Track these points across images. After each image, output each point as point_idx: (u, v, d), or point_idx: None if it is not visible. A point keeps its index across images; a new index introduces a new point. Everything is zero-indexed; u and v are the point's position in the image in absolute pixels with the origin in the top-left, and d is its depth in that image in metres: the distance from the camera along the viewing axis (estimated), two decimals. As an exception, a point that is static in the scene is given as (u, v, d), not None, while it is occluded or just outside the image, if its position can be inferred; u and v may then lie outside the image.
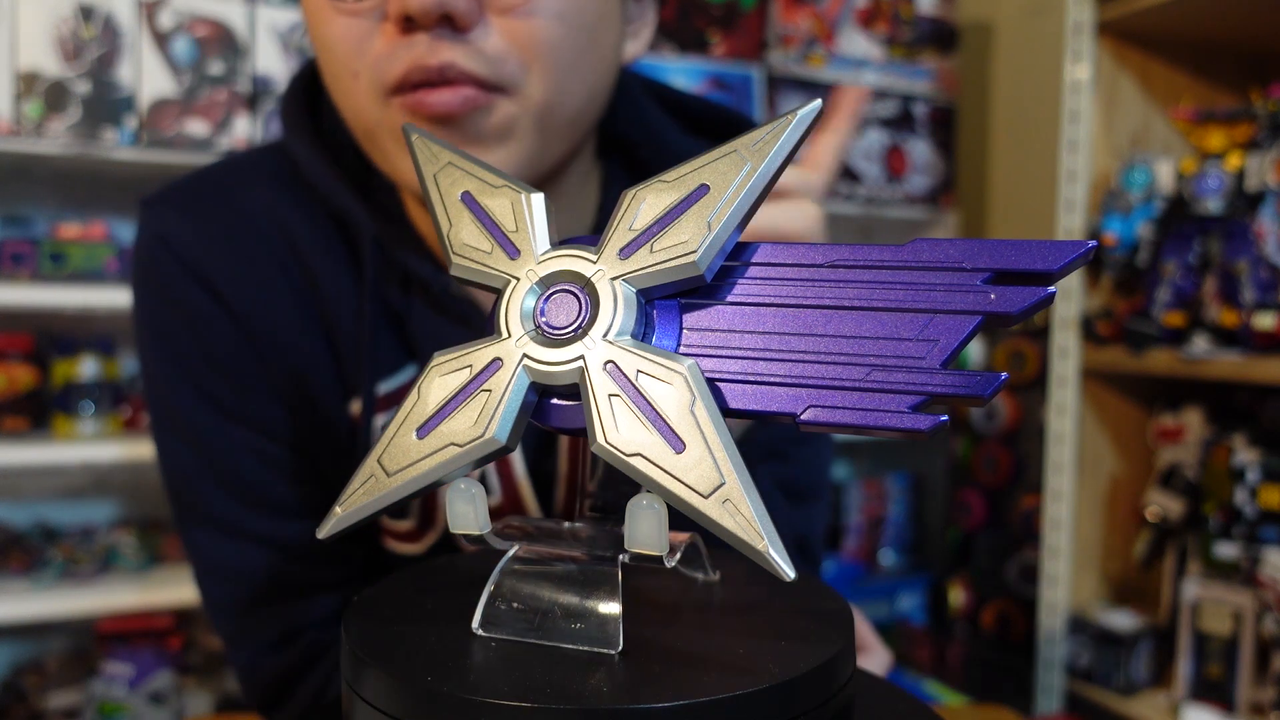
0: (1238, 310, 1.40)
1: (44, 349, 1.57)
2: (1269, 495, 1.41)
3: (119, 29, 1.48)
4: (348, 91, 0.57)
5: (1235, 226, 1.42)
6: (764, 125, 0.35)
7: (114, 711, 1.50)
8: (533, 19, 0.54)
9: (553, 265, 0.36)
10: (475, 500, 0.35)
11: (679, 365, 0.33)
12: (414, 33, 0.53)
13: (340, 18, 0.55)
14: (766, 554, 0.30)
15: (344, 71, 0.57)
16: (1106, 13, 1.56)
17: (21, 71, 1.43)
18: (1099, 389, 1.65)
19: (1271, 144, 1.40)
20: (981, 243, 0.32)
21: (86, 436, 1.54)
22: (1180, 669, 1.50)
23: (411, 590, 0.41)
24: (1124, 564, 1.69)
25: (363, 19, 0.55)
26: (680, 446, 0.32)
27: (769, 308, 0.34)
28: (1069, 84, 1.61)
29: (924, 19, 2.04)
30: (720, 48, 1.87)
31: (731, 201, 0.34)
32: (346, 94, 0.57)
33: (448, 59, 0.53)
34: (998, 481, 1.88)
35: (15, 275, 1.46)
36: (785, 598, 0.40)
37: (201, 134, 1.53)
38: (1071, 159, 1.61)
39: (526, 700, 0.30)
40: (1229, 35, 1.63)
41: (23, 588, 1.50)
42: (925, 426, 0.31)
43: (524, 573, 0.36)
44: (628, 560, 0.35)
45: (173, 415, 0.65)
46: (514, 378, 0.34)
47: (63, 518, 1.69)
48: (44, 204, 1.67)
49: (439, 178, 0.39)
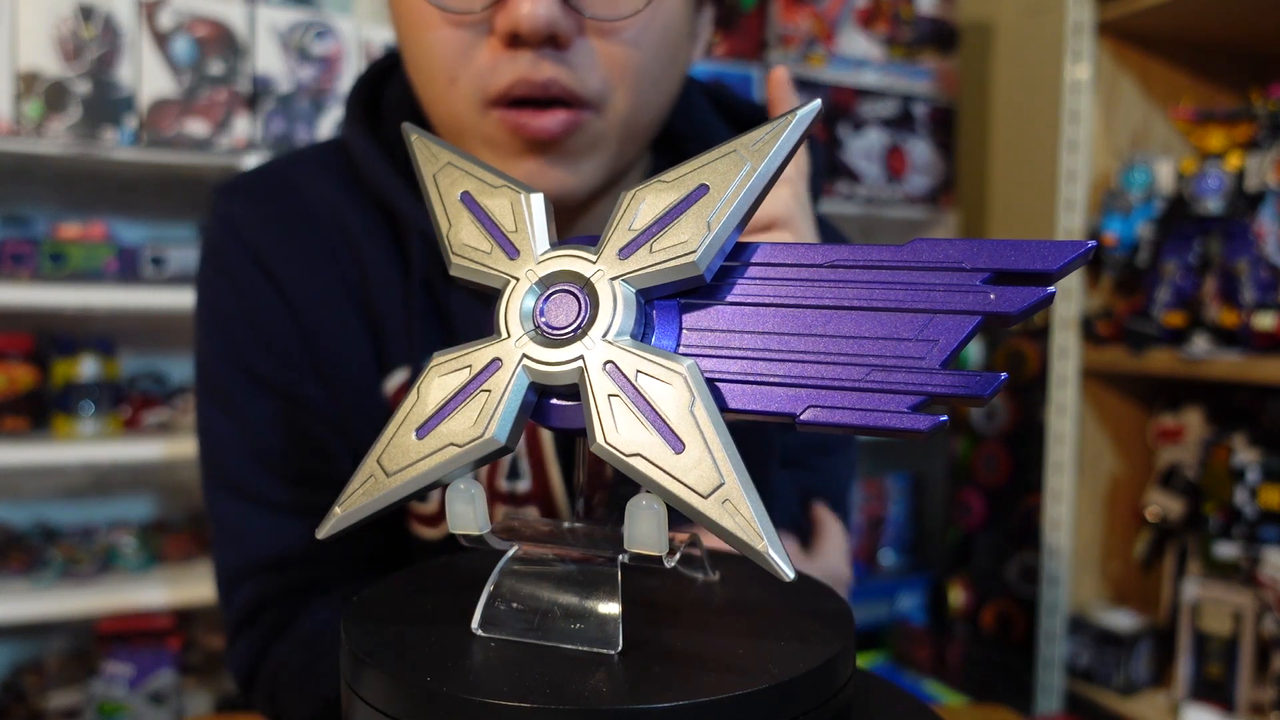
0: (1238, 310, 1.40)
1: (44, 349, 1.57)
2: (1269, 495, 1.41)
3: (119, 29, 1.48)
4: (442, 95, 0.59)
5: (1235, 226, 1.42)
6: (763, 125, 0.35)
7: (114, 711, 1.50)
8: (627, 44, 0.57)
9: (552, 265, 0.36)
10: (475, 500, 0.35)
11: (678, 365, 0.33)
12: (519, 49, 0.56)
13: (445, 27, 0.57)
14: (766, 554, 0.30)
15: (441, 76, 0.59)
16: (1106, 13, 1.56)
17: (21, 71, 1.43)
18: (1099, 389, 1.65)
19: (1271, 144, 1.40)
20: (981, 243, 0.32)
21: (86, 436, 1.54)
22: (1180, 669, 1.50)
23: (411, 590, 0.41)
24: (1124, 564, 1.69)
25: (467, 30, 0.57)
26: (680, 447, 0.32)
27: (769, 308, 0.34)
28: (1069, 84, 1.61)
29: (924, 19, 2.04)
30: (720, 48, 1.87)
31: (731, 201, 0.34)
32: (440, 97, 0.60)
33: (551, 76, 0.56)
34: (998, 481, 1.88)
35: (15, 275, 1.46)
36: (785, 598, 0.40)
37: (201, 134, 1.53)
38: (1071, 159, 1.61)
39: (526, 700, 0.30)
40: (1229, 35, 1.63)
41: (23, 588, 1.50)
42: (925, 426, 0.31)
43: (524, 573, 0.36)
44: (627, 560, 0.35)
45: (214, 384, 0.68)
46: (513, 378, 0.34)
47: (63, 518, 1.69)
48: (44, 204, 1.67)
49: (438, 178, 0.39)
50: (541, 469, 0.65)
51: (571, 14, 0.56)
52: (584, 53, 0.57)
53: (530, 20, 0.54)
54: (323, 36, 1.60)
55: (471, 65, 0.57)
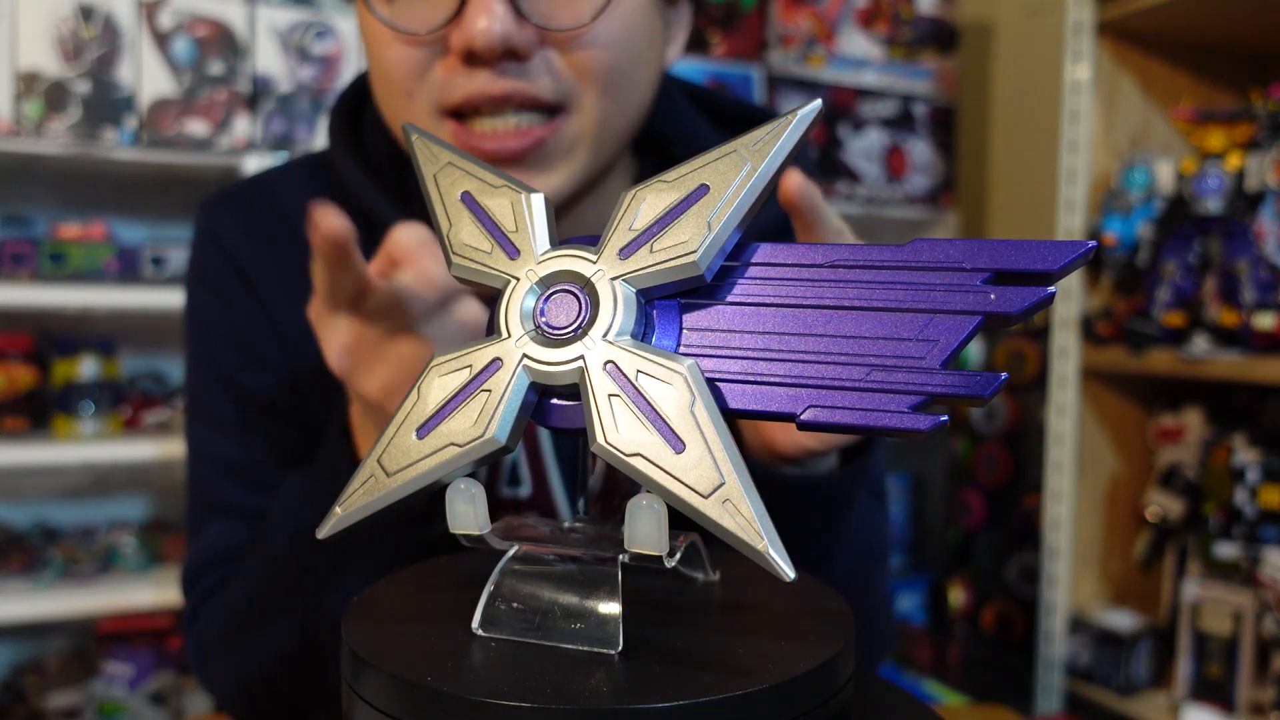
0: (1238, 310, 1.40)
1: (44, 349, 1.57)
2: (1269, 495, 1.41)
3: (119, 29, 1.48)
4: (400, 109, 0.60)
5: (1235, 226, 1.42)
6: (763, 125, 0.35)
7: (114, 711, 1.50)
8: (590, 46, 0.57)
9: (552, 265, 0.36)
10: (475, 500, 0.35)
11: (679, 365, 0.33)
12: (477, 66, 0.56)
13: (401, 44, 0.57)
14: (766, 554, 0.30)
15: (398, 91, 0.59)
16: (1106, 13, 1.56)
17: (21, 71, 1.43)
18: (1099, 389, 1.65)
19: (1271, 144, 1.40)
20: (981, 243, 0.32)
21: (86, 436, 1.54)
22: (1180, 669, 1.50)
23: (412, 590, 0.41)
24: (1124, 564, 1.69)
25: (423, 48, 0.57)
26: (680, 446, 0.32)
27: (769, 308, 0.34)
28: (1069, 84, 1.61)
29: (924, 19, 2.04)
30: (720, 48, 1.87)
31: (731, 201, 0.34)
32: (399, 112, 0.60)
33: (512, 88, 0.56)
34: (998, 481, 1.88)
35: (15, 275, 1.46)
36: (785, 598, 0.40)
37: (201, 134, 1.53)
38: (1071, 159, 1.61)
39: (526, 700, 0.30)
40: (1229, 35, 1.63)
41: (23, 588, 1.50)
42: (925, 426, 0.31)
43: (524, 573, 0.36)
44: (628, 560, 0.35)
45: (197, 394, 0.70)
46: (514, 378, 0.34)
47: (63, 518, 1.69)
48: (44, 204, 1.67)
49: (439, 178, 0.39)
50: (541, 474, 0.65)
51: (527, 26, 0.55)
52: (544, 61, 0.57)
53: (485, 37, 0.53)
54: (323, 36, 1.60)
55: (428, 80, 0.58)
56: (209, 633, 0.65)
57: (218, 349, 0.68)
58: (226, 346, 0.68)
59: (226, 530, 0.67)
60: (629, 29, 0.58)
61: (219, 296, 0.68)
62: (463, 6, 0.55)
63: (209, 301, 0.69)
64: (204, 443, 0.69)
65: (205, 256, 0.69)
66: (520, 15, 0.55)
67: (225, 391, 0.68)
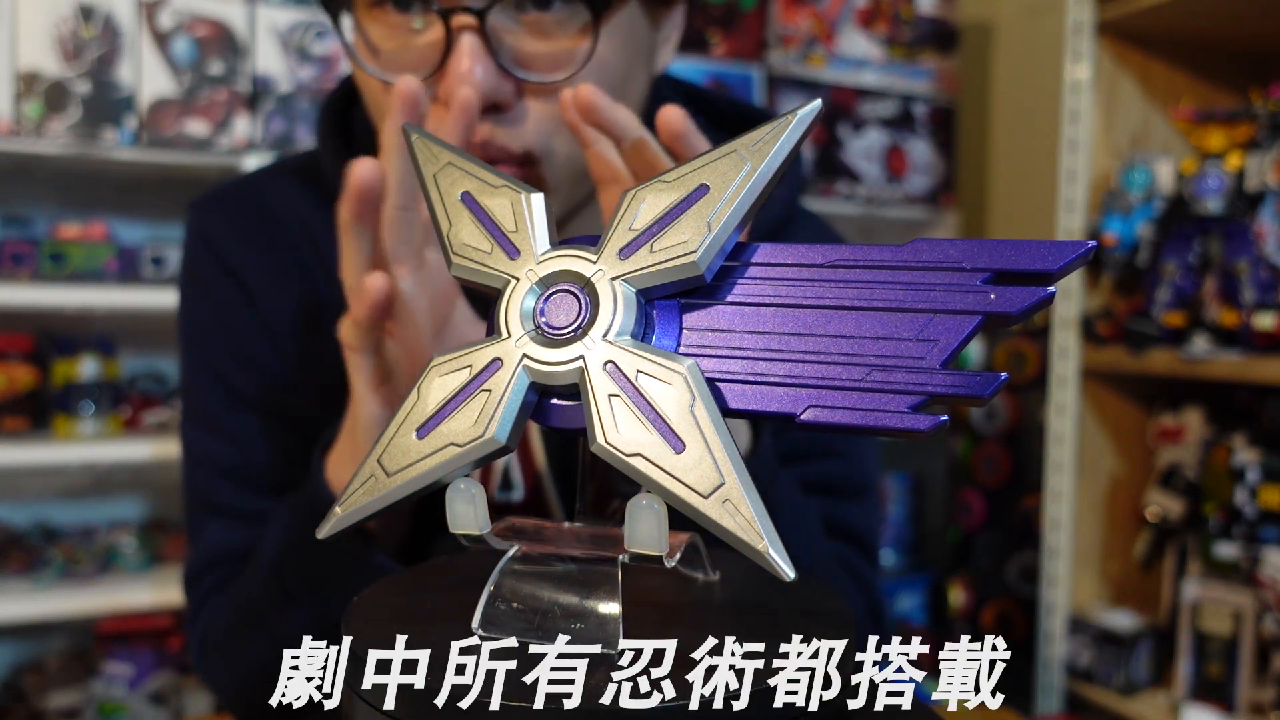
0: (1238, 310, 1.40)
1: (44, 349, 1.57)
2: (1269, 495, 1.41)
3: (119, 29, 1.48)
4: None
5: (1235, 226, 1.42)
6: (763, 125, 0.35)
7: (114, 711, 1.50)
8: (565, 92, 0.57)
9: (552, 265, 0.36)
10: (475, 500, 0.35)
11: (679, 365, 0.33)
12: None
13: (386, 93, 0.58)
14: (766, 554, 0.30)
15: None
16: (1106, 13, 1.56)
17: (21, 71, 1.43)
18: (1099, 389, 1.65)
19: (1271, 144, 1.40)
20: (981, 243, 0.32)
21: (86, 436, 1.54)
22: (1180, 669, 1.50)
23: (412, 590, 0.41)
24: (1124, 564, 1.69)
25: None
26: (680, 446, 0.32)
27: (769, 308, 0.34)
28: (1069, 84, 1.61)
29: (924, 19, 2.04)
30: (720, 48, 1.87)
31: (731, 201, 0.34)
32: None
33: (487, 137, 0.57)
34: (998, 481, 1.88)
35: (15, 275, 1.46)
36: (785, 598, 0.40)
37: (201, 134, 1.53)
38: (1071, 159, 1.61)
39: (526, 700, 0.30)
40: (1229, 35, 1.63)
41: (23, 588, 1.50)
42: (925, 426, 0.31)
43: (524, 573, 0.36)
44: (628, 560, 0.35)
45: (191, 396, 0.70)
46: (514, 378, 0.34)
47: (63, 518, 1.69)
48: (44, 204, 1.67)
49: (439, 178, 0.39)
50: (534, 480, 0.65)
51: (510, 79, 0.57)
52: (522, 111, 0.58)
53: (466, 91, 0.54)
54: (323, 36, 1.60)
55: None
56: (211, 631, 0.66)
57: (210, 350, 0.68)
58: (219, 347, 0.68)
59: (225, 531, 0.67)
60: (611, 71, 0.59)
61: (210, 297, 0.69)
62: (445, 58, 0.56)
63: (200, 302, 0.70)
64: (199, 444, 0.69)
65: (196, 257, 0.70)
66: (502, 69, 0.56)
67: (218, 392, 0.68)
